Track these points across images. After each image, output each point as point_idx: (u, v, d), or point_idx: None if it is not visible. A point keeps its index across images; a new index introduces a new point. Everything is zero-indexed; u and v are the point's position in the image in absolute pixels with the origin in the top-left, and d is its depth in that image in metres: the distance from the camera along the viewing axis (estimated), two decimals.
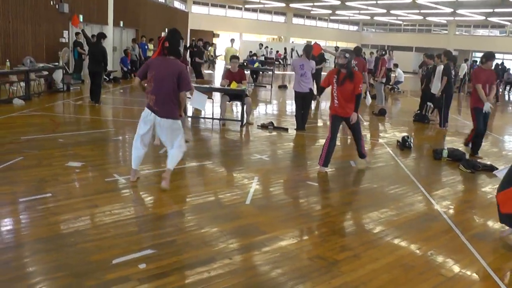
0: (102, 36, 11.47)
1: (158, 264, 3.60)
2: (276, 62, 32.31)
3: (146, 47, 20.15)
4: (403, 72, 20.99)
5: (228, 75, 9.87)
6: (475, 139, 8.45)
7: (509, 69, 24.31)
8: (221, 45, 35.03)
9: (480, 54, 9.04)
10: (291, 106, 14.17)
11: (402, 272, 3.83)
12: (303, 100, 9.73)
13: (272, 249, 4.02)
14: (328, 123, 6.98)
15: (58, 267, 3.47)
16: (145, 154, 5.62)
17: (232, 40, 15.28)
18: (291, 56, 36.99)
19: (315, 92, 10.14)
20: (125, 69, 18.26)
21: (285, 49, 37.51)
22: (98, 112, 10.67)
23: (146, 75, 5.17)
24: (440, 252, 4.25)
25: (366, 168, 7.12)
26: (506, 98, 21.84)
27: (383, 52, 15.89)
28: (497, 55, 32.01)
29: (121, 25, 20.08)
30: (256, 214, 4.84)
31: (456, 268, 3.98)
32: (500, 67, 22.07)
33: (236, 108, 12.17)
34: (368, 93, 10.18)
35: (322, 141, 8.99)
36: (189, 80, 5.21)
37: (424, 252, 4.23)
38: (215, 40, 39.12)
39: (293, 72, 9.92)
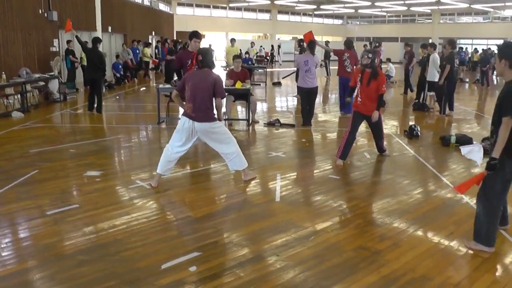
0: (98, 40, 11.21)
1: (208, 266, 3.61)
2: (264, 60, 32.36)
3: (137, 51, 20.04)
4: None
5: (232, 75, 9.88)
6: None
7: (495, 53, 24.58)
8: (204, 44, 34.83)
9: (465, 41, 9.02)
10: (289, 102, 14.25)
11: (442, 257, 3.91)
12: (309, 96, 9.78)
13: (315, 243, 4.07)
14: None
15: (108, 276, 3.47)
16: (176, 162, 5.67)
17: (233, 40, 15.24)
18: (278, 53, 36.97)
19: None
20: (118, 75, 18.12)
21: (272, 46, 37.48)
22: (99, 120, 10.59)
23: (184, 88, 5.48)
24: (471, 235, 4.29)
25: (380, 159, 7.19)
26: (495, 82, 22.07)
27: (377, 44, 16.01)
28: (481, 41, 32.40)
29: (110, 30, 19.95)
30: (289, 211, 4.88)
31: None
32: (488, 52, 22.37)
33: (241, 107, 12.18)
34: None
35: (330, 135, 9.10)
36: (223, 88, 5.51)
37: (457, 236, 4.31)
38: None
39: (283, 69, 10.12)
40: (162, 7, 31.41)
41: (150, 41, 25.12)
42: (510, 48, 3.96)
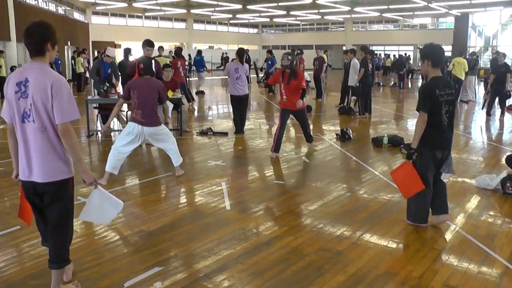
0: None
1: (174, 280, 3.50)
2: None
3: (59, 62, 19.06)
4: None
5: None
6: None
7: (409, 58, 26.19)
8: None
9: (377, 48, 9.66)
10: (220, 110, 14.22)
11: (401, 252, 4.09)
12: (241, 103, 9.82)
13: (276, 248, 4.07)
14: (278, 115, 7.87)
15: None
16: (123, 161, 6.11)
17: (160, 49, 14.93)
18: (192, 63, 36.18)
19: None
20: None
21: (189, 55, 36.86)
22: None
23: (129, 95, 6.02)
24: (423, 229, 4.52)
25: (319, 163, 7.38)
26: (410, 85, 23.43)
27: (299, 51, 16.45)
28: (393, 47, 34.15)
29: None
30: (242, 218, 4.85)
31: (443, 240, 4.33)
32: (404, 57, 23.76)
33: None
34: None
35: (263, 142, 9.14)
36: (166, 93, 6.17)
37: (411, 231, 4.50)
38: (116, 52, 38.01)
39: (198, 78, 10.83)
40: (77, 16, 30.24)
41: (66, 51, 24.00)
42: (431, 48, 4.41)
